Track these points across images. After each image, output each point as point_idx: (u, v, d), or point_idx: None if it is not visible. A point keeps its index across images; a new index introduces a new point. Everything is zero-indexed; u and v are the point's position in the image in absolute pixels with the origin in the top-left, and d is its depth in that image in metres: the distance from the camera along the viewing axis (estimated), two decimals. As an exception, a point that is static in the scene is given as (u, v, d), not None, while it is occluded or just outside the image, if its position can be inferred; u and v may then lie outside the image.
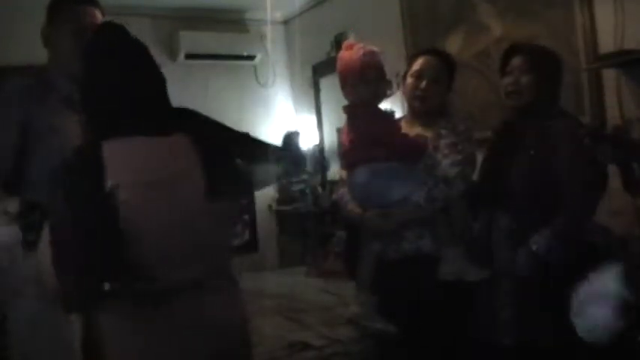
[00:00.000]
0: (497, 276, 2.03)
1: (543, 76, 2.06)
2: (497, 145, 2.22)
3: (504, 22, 3.24)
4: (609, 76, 2.74)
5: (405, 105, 2.31)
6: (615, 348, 2.19)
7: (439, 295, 1.94)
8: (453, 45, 3.50)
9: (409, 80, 2.14)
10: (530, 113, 2.07)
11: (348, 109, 2.09)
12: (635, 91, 2.63)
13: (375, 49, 2.11)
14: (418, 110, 2.14)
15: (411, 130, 2.13)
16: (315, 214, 4.60)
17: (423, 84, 2.09)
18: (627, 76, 2.65)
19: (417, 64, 2.13)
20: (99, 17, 1.95)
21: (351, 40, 2.17)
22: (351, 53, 2.08)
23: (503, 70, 2.13)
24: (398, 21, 3.96)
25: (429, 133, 2.08)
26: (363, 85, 2.03)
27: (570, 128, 2.09)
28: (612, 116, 2.74)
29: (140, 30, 5.60)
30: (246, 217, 5.11)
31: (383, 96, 2.11)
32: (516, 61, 2.07)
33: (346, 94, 2.09)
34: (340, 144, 2.11)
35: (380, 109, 2.12)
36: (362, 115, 2.04)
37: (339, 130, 4.08)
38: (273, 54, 5.14)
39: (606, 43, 2.69)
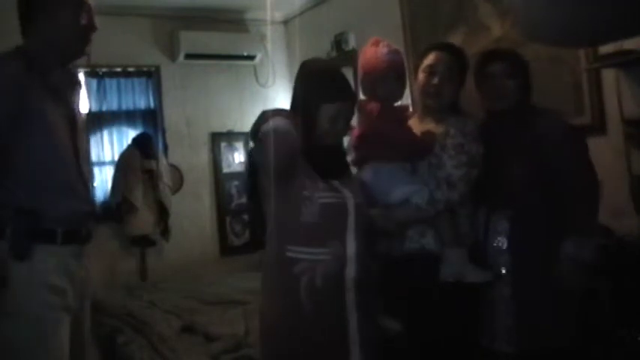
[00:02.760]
0: (497, 282, 2.03)
1: (524, 79, 2.12)
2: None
3: (504, 22, 3.24)
4: (609, 76, 2.74)
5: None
6: (616, 348, 2.20)
7: (441, 295, 1.94)
8: (453, 45, 3.50)
9: (421, 76, 2.12)
10: (513, 115, 2.08)
11: (362, 104, 2.07)
12: (635, 91, 2.63)
13: (399, 48, 2.12)
14: (430, 106, 2.12)
15: (422, 126, 2.12)
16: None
17: (436, 80, 2.07)
18: (627, 76, 2.65)
19: (430, 60, 2.11)
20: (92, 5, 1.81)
21: (376, 37, 2.15)
22: (376, 50, 2.07)
23: (480, 75, 2.13)
24: (398, 21, 3.96)
25: (439, 130, 2.06)
26: (384, 83, 2.03)
27: (561, 123, 2.11)
28: (612, 116, 2.74)
29: (140, 30, 5.62)
30: (246, 217, 5.14)
31: (400, 96, 2.11)
32: (498, 66, 2.09)
33: (364, 90, 2.08)
34: (350, 138, 2.10)
35: (394, 108, 2.11)
36: (376, 113, 2.03)
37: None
38: (273, 54, 5.14)
39: (606, 43, 2.69)
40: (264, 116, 1.73)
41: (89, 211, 1.81)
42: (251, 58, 5.03)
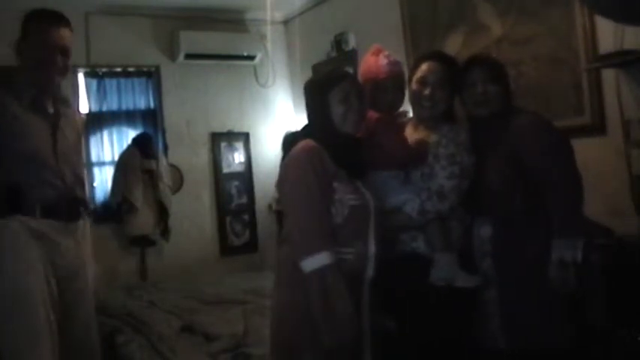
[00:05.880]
0: (483, 285, 2.04)
1: (505, 85, 2.13)
2: None
3: (504, 22, 3.24)
4: (609, 76, 2.74)
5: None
6: (616, 348, 2.20)
7: (432, 296, 1.96)
8: (453, 45, 3.50)
9: (414, 86, 2.14)
10: (495, 119, 2.09)
11: None
12: (635, 91, 2.64)
13: (399, 59, 2.18)
14: (423, 115, 2.15)
15: (416, 134, 2.14)
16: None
17: (428, 90, 2.09)
18: (627, 76, 2.66)
19: (421, 71, 2.13)
20: (68, 35, 2.16)
21: (378, 45, 2.20)
22: (377, 59, 2.11)
23: (461, 81, 2.13)
24: (398, 21, 3.96)
25: (432, 138, 2.08)
26: (383, 93, 2.08)
27: (534, 121, 2.11)
28: (612, 116, 2.74)
29: (140, 30, 5.63)
30: (246, 217, 5.14)
31: (399, 106, 2.15)
32: (480, 72, 2.10)
33: None
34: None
35: (392, 117, 2.14)
36: (374, 121, 2.06)
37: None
38: (273, 54, 5.14)
39: (606, 43, 2.69)
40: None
41: (69, 198, 2.16)
42: (251, 58, 5.03)
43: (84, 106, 4.58)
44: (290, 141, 1.90)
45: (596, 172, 2.47)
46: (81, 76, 4.59)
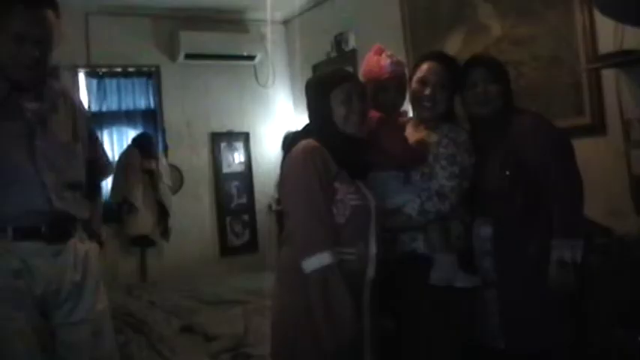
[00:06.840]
0: (483, 284, 2.04)
1: (506, 85, 2.13)
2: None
3: (504, 22, 3.24)
4: (609, 76, 2.74)
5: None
6: (616, 348, 2.20)
7: (431, 296, 1.96)
8: (453, 45, 3.50)
9: (414, 86, 2.14)
10: (496, 119, 2.09)
11: None
12: (635, 91, 2.64)
13: (401, 59, 2.19)
14: (423, 116, 2.15)
15: (416, 134, 2.14)
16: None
17: (428, 91, 2.09)
18: (627, 76, 2.66)
19: (422, 71, 2.13)
20: (51, 19, 1.75)
21: (379, 44, 2.21)
22: (379, 59, 2.12)
23: (462, 81, 2.14)
24: (398, 21, 3.96)
25: (432, 138, 2.08)
26: (385, 93, 2.09)
27: (535, 121, 2.10)
28: (612, 116, 2.74)
29: (140, 30, 5.62)
30: (246, 217, 5.14)
31: (400, 106, 2.16)
32: (480, 72, 2.10)
33: None
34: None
35: (393, 118, 2.15)
36: (375, 121, 2.06)
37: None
38: (273, 54, 5.15)
39: (606, 43, 2.69)
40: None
41: (52, 215, 1.80)
42: (251, 58, 5.03)
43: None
44: (290, 141, 1.90)
45: (596, 172, 2.47)
46: (81, 76, 4.59)
